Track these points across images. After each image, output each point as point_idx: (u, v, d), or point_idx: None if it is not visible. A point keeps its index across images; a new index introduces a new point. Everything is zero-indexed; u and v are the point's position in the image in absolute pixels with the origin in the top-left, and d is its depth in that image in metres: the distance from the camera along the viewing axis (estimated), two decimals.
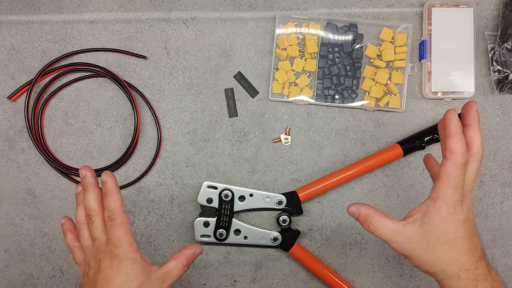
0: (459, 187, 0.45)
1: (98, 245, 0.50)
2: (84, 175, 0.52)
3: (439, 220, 0.45)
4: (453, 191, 0.45)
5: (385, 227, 0.47)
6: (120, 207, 0.50)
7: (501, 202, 0.69)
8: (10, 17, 0.69)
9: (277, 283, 0.69)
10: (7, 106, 0.69)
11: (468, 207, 0.46)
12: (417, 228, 0.46)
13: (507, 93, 0.68)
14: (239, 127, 0.69)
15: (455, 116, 0.45)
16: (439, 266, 0.45)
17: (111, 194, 0.50)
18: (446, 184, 0.45)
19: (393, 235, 0.46)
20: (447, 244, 0.45)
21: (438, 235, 0.45)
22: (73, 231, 0.55)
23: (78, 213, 0.54)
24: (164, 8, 0.69)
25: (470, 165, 0.46)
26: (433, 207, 0.45)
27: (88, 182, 0.52)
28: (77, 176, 0.68)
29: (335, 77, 0.68)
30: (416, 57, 0.69)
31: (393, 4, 0.70)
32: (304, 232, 0.69)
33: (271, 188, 0.69)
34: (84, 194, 0.52)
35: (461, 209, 0.45)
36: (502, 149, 0.69)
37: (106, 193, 0.50)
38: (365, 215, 0.48)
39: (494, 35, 0.68)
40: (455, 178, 0.44)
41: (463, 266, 0.45)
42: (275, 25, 0.68)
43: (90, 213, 0.51)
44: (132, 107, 0.67)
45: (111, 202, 0.49)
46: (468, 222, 0.46)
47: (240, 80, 0.69)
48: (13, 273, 0.69)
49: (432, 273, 0.47)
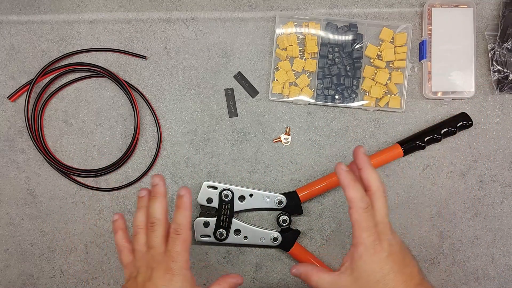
0: (370, 229, 0.47)
1: (154, 254, 0.50)
2: (156, 183, 0.52)
3: (363, 264, 0.47)
4: (366, 234, 0.47)
5: (324, 280, 0.50)
6: (189, 224, 0.50)
7: (501, 202, 0.69)
8: (10, 17, 0.69)
9: (277, 283, 0.69)
10: (7, 106, 0.69)
11: (389, 241, 0.48)
12: (349, 276, 0.48)
13: (507, 93, 0.68)
14: (239, 127, 0.69)
15: (343, 169, 0.49)
16: None
17: (184, 210, 0.51)
18: (358, 229, 0.48)
19: (331, 286, 0.50)
20: (379, 284, 0.47)
21: (367, 277, 0.47)
22: (125, 231, 0.55)
23: (138, 217, 0.53)
24: (164, 8, 0.69)
25: (376, 203, 0.49)
26: (356, 253, 0.48)
27: (159, 191, 0.52)
28: (77, 176, 0.68)
29: (335, 77, 0.68)
30: (416, 57, 0.69)
31: (393, 4, 0.70)
32: (304, 232, 0.69)
33: (271, 188, 0.69)
34: (152, 201, 0.52)
35: (381, 247, 0.47)
36: (502, 149, 0.69)
37: (180, 207, 0.51)
38: (305, 273, 0.52)
39: (494, 35, 0.68)
40: (362, 222, 0.47)
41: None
42: (275, 25, 0.68)
43: (154, 221, 0.51)
44: (132, 107, 0.67)
45: (182, 216, 0.50)
46: (393, 255, 0.47)
47: (240, 80, 0.69)
48: (13, 273, 0.69)
49: None
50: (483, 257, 0.69)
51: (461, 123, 0.66)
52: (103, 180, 0.69)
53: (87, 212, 0.69)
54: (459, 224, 0.69)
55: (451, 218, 0.69)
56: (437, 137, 0.66)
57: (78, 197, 0.69)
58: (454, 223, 0.69)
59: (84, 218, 0.69)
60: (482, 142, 0.69)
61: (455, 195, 0.69)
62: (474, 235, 0.69)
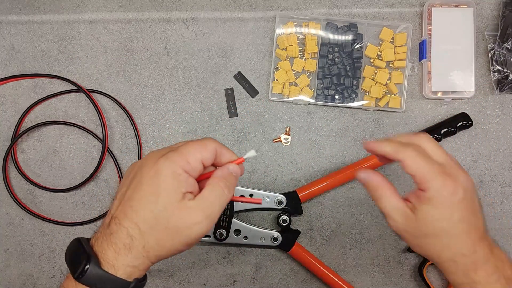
0: (436, 169, 0.42)
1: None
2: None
3: (431, 208, 0.42)
4: (434, 175, 0.42)
5: (390, 204, 0.44)
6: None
7: (501, 202, 0.69)
8: (10, 17, 0.69)
9: (277, 283, 0.69)
10: (7, 106, 0.69)
11: (463, 183, 0.42)
12: (412, 213, 0.43)
13: (507, 93, 0.68)
14: (239, 127, 0.69)
15: (372, 142, 0.45)
16: (433, 252, 0.44)
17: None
18: (421, 176, 0.42)
19: (394, 212, 0.44)
20: (443, 232, 0.42)
21: (432, 223, 0.42)
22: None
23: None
24: (164, 8, 0.69)
25: (428, 148, 0.44)
26: (424, 196, 0.42)
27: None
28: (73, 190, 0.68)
29: (335, 77, 0.68)
30: (416, 57, 0.69)
31: (393, 4, 0.70)
32: (304, 232, 0.69)
33: (271, 188, 0.69)
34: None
35: (454, 190, 0.41)
36: (502, 149, 0.69)
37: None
38: (376, 185, 0.45)
39: (494, 35, 0.68)
40: (423, 165, 0.42)
41: (459, 252, 0.42)
42: (275, 25, 0.68)
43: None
44: (98, 115, 0.67)
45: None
46: (466, 201, 0.42)
47: (240, 80, 0.69)
48: (13, 273, 0.69)
49: (427, 256, 0.45)
50: None
51: (461, 123, 0.66)
52: (102, 180, 0.69)
53: (87, 212, 0.69)
54: None
55: None
56: (437, 137, 0.66)
57: (78, 197, 0.69)
58: None
59: (84, 218, 0.69)
60: (482, 142, 0.69)
61: None
62: None
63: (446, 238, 0.42)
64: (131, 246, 0.39)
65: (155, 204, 0.39)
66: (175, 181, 0.39)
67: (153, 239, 0.39)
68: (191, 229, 0.39)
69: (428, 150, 0.44)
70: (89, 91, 0.68)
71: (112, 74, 0.69)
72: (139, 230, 0.39)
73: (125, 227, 0.39)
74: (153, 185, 0.39)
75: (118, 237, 0.39)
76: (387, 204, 0.44)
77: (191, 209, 0.39)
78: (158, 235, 0.39)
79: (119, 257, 0.39)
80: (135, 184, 0.40)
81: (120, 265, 0.39)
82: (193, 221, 0.39)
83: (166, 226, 0.39)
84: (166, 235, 0.39)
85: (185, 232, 0.39)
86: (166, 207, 0.39)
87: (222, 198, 0.41)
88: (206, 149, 0.41)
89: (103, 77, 0.69)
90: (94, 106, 0.68)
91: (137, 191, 0.40)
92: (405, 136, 0.45)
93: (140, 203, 0.39)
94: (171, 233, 0.39)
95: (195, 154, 0.40)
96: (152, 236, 0.39)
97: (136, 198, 0.39)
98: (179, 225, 0.39)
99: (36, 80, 0.69)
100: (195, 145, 0.41)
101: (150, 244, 0.39)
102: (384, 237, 0.69)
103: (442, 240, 0.43)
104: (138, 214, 0.39)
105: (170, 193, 0.39)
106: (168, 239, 0.39)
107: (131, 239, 0.39)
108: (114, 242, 0.39)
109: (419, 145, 0.44)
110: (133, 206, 0.39)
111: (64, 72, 0.69)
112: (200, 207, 0.40)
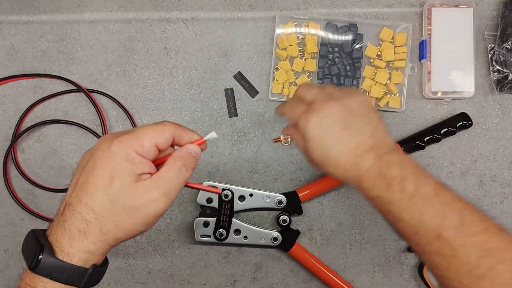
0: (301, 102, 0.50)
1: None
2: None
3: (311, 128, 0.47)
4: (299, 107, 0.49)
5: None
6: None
7: (501, 202, 0.69)
8: (10, 17, 0.69)
9: (277, 283, 0.69)
10: (7, 106, 0.69)
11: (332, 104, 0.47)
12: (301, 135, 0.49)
13: (507, 93, 0.68)
14: (239, 127, 0.69)
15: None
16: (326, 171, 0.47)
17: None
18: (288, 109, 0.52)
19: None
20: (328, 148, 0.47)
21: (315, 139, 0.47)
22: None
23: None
24: (164, 8, 0.69)
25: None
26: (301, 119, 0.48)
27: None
28: None
29: (335, 77, 0.68)
30: (416, 57, 0.69)
31: (393, 4, 0.70)
32: (304, 232, 0.69)
33: (271, 188, 0.69)
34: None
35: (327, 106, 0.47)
36: (502, 149, 0.69)
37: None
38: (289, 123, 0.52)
39: (494, 35, 0.68)
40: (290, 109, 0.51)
41: (342, 170, 0.46)
42: (275, 25, 0.68)
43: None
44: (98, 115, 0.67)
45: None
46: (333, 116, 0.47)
47: (240, 80, 0.69)
48: (13, 273, 0.69)
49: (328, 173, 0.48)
50: None
51: (461, 123, 0.66)
52: None
53: None
54: None
55: None
56: (437, 137, 0.66)
57: None
58: None
59: None
60: (482, 142, 0.69)
61: None
62: None
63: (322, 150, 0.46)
64: (86, 231, 0.38)
65: (110, 186, 0.38)
66: (129, 163, 0.39)
67: (110, 221, 0.38)
68: (149, 206, 0.39)
69: (301, 95, 0.50)
70: (89, 91, 0.68)
71: (112, 74, 0.69)
72: (94, 213, 0.38)
73: (79, 212, 0.38)
74: (107, 168, 0.39)
75: (72, 223, 0.38)
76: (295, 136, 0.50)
77: (147, 187, 0.39)
78: (115, 217, 0.39)
79: (74, 244, 0.38)
80: (88, 169, 0.40)
81: (76, 252, 0.38)
82: (150, 198, 0.39)
83: (123, 207, 0.38)
84: (125, 215, 0.39)
85: (143, 211, 0.39)
86: (121, 188, 0.38)
87: (179, 177, 0.41)
88: (161, 134, 0.41)
89: (103, 77, 0.69)
90: (94, 106, 0.68)
91: (91, 175, 0.39)
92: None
93: (94, 186, 0.38)
94: (129, 213, 0.39)
95: (149, 139, 0.40)
96: (109, 219, 0.38)
97: (90, 182, 0.39)
98: (137, 204, 0.39)
99: (36, 80, 0.69)
100: (150, 129, 0.41)
101: (107, 227, 0.39)
102: (384, 237, 0.69)
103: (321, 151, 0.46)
104: (92, 198, 0.38)
105: (124, 175, 0.38)
106: (127, 219, 0.39)
107: (86, 223, 0.38)
108: (68, 229, 0.38)
109: (298, 96, 0.51)
110: (87, 190, 0.39)
111: (64, 72, 0.69)
112: (157, 184, 0.39)
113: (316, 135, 0.46)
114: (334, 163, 0.46)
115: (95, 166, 0.39)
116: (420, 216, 0.41)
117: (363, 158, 0.44)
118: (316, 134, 0.46)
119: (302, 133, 0.47)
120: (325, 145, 0.46)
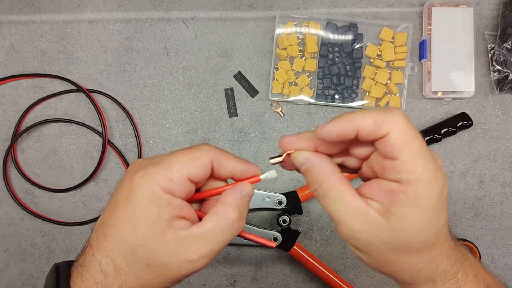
0: (425, 152, 0.29)
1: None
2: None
3: (414, 212, 0.29)
4: (424, 162, 0.29)
5: (346, 203, 0.31)
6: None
7: (501, 202, 0.69)
8: (10, 17, 0.69)
9: (277, 283, 0.69)
10: (7, 106, 0.69)
11: (442, 168, 0.30)
12: (383, 219, 0.30)
13: (507, 93, 0.68)
14: (239, 127, 0.69)
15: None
16: (407, 271, 0.32)
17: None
18: (404, 154, 0.28)
19: (351, 217, 0.30)
20: (427, 244, 0.30)
21: (413, 233, 0.30)
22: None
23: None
24: (164, 8, 0.69)
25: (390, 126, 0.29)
26: (404, 193, 0.29)
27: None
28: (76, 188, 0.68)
29: (335, 77, 0.68)
30: (416, 57, 0.69)
31: (393, 4, 0.70)
32: (304, 232, 0.69)
33: (271, 188, 0.69)
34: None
35: (442, 183, 0.29)
36: (502, 149, 0.69)
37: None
38: (320, 175, 0.33)
39: (494, 35, 0.68)
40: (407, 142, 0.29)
41: (439, 268, 0.31)
42: (275, 24, 0.68)
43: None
44: (98, 115, 0.67)
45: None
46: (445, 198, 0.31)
47: (240, 80, 0.69)
48: (13, 273, 0.69)
49: (395, 277, 0.33)
50: (483, 257, 0.68)
51: (461, 123, 0.66)
52: (102, 180, 0.69)
53: (87, 212, 0.69)
54: (459, 224, 0.69)
55: (451, 218, 0.69)
56: (437, 137, 0.66)
57: (78, 197, 0.69)
58: (454, 223, 0.69)
59: (83, 218, 0.68)
60: (482, 142, 0.69)
61: (455, 195, 0.69)
62: (474, 235, 0.69)
63: (429, 252, 0.31)
64: (104, 285, 0.31)
65: (133, 235, 0.30)
66: (154, 206, 0.30)
67: (132, 277, 0.31)
68: (183, 267, 0.31)
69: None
70: (89, 91, 0.68)
71: (112, 74, 0.69)
72: (114, 265, 0.31)
73: (98, 260, 0.31)
74: (129, 211, 0.31)
75: (90, 273, 0.31)
76: (341, 205, 0.31)
77: (183, 243, 0.30)
78: (138, 274, 0.31)
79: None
80: (111, 206, 0.32)
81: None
82: (185, 258, 0.31)
83: (148, 263, 0.31)
84: (150, 273, 0.31)
85: (174, 271, 0.31)
86: (146, 240, 0.30)
87: (230, 234, 0.32)
88: (195, 163, 0.32)
89: (103, 77, 0.69)
90: (94, 106, 0.67)
91: (112, 215, 0.31)
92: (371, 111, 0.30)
93: (115, 232, 0.31)
94: (156, 271, 0.31)
95: (180, 169, 0.31)
96: (130, 274, 0.31)
97: (111, 224, 0.31)
98: (166, 262, 0.31)
99: (36, 80, 0.69)
100: (181, 157, 0.32)
101: (128, 283, 0.31)
102: None
103: (424, 255, 0.31)
104: (112, 245, 0.31)
105: (149, 222, 0.30)
106: (153, 278, 0.31)
107: (104, 276, 0.31)
108: (86, 278, 0.31)
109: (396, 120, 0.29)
110: (107, 234, 0.31)
111: (64, 72, 0.69)
112: (198, 241, 0.31)
113: (439, 203, 0.30)
114: (432, 255, 0.31)
115: (117, 205, 0.31)
116: None
117: (454, 254, 0.33)
118: (440, 202, 0.30)
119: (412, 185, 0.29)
120: (440, 225, 0.30)
